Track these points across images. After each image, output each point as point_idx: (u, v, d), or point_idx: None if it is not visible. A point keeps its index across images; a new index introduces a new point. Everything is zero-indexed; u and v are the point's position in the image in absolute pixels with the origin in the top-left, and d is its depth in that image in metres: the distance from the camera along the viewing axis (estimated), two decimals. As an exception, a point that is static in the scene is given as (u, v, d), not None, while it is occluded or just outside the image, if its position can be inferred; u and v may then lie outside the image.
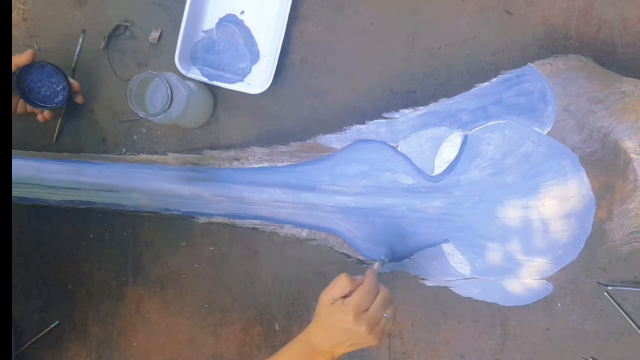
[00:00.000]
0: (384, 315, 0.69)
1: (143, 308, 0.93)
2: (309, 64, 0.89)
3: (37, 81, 0.84)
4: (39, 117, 0.87)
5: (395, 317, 0.72)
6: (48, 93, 0.85)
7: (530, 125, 0.71)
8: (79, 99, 0.89)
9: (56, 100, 0.85)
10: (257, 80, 0.88)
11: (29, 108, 0.87)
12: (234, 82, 0.88)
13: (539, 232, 0.70)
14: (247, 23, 0.89)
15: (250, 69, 0.89)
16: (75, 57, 0.91)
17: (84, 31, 0.90)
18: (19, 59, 0.82)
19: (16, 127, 0.92)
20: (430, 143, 0.77)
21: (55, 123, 0.91)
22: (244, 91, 0.86)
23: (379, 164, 0.80)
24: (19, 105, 0.87)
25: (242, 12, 0.89)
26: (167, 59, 0.89)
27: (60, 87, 0.85)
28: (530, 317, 0.86)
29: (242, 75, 0.89)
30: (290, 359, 0.71)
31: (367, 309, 0.67)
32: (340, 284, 0.68)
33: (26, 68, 0.83)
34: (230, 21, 0.89)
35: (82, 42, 0.90)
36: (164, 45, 0.90)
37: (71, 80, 0.86)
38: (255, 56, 0.89)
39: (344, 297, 0.67)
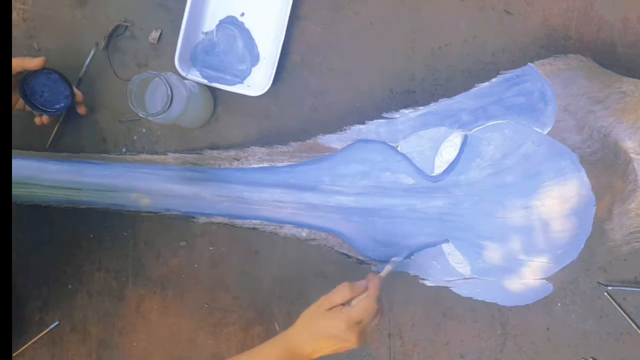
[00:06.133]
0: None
1: (143, 308, 0.93)
2: (309, 64, 0.89)
3: (42, 85, 0.84)
4: (37, 120, 0.87)
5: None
6: (50, 98, 0.85)
7: (530, 125, 0.71)
8: (81, 110, 0.89)
9: (56, 106, 0.86)
10: (257, 82, 0.88)
11: (28, 108, 0.87)
12: (234, 84, 0.88)
13: (539, 232, 0.70)
14: (247, 25, 0.89)
15: (250, 71, 0.89)
16: (84, 68, 0.91)
17: (97, 44, 0.90)
18: (29, 63, 0.81)
19: (16, 127, 0.92)
20: (431, 143, 0.77)
21: (53, 128, 0.91)
22: (243, 93, 0.86)
23: (379, 164, 0.80)
24: (17, 103, 0.87)
25: (243, 14, 0.89)
26: (167, 59, 0.89)
27: (64, 95, 0.85)
28: (530, 317, 0.86)
29: (241, 77, 0.89)
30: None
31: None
32: (342, 293, 0.67)
33: (34, 72, 0.83)
34: (230, 23, 0.89)
35: (93, 55, 0.90)
36: (164, 45, 0.90)
37: (75, 90, 0.87)
38: (255, 58, 0.89)
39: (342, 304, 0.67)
